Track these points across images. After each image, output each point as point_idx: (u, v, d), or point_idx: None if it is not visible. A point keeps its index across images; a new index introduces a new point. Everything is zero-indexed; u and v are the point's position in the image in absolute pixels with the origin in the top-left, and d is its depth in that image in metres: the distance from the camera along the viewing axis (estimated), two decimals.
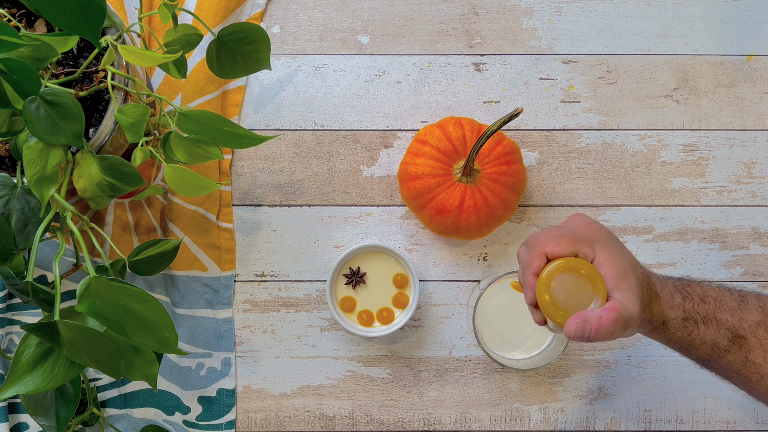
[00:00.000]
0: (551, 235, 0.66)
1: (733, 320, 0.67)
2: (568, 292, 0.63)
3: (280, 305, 0.92)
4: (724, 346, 0.67)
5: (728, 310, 0.67)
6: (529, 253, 0.66)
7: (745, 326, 0.67)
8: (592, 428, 0.92)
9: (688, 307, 0.66)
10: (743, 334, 0.67)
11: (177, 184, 0.74)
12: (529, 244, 0.67)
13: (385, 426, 0.92)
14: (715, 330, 0.66)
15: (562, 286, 0.63)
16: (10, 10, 0.78)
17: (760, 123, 0.92)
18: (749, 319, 0.67)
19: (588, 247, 0.65)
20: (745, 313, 0.68)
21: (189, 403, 0.90)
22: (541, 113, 0.92)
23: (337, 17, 0.93)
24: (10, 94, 0.61)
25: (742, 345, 0.67)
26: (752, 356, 0.67)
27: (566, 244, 0.64)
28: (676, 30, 0.93)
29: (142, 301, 0.60)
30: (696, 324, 0.66)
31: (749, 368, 0.67)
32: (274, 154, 0.92)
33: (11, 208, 0.68)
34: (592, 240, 0.65)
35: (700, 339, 0.66)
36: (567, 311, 0.63)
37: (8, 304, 0.89)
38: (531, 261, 0.65)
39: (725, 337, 0.66)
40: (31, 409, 0.68)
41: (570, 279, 0.63)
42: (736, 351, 0.67)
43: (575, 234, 0.66)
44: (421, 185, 0.84)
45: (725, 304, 0.68)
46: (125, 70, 0.75)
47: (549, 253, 0.64)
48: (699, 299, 0.67)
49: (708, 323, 0.66)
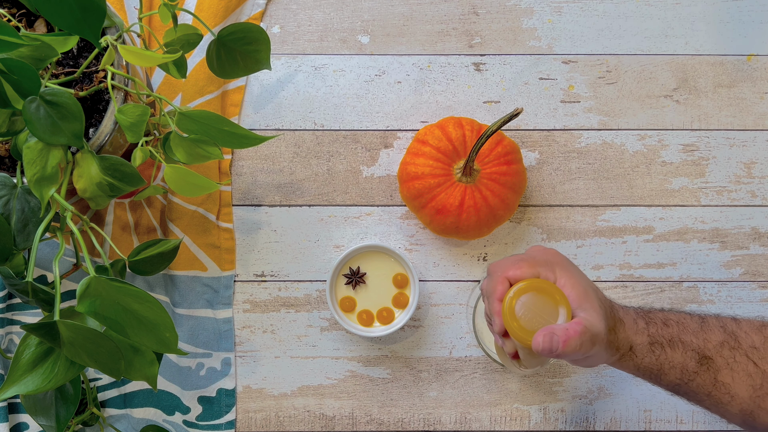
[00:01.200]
0: (511, 260, 0.66)
1: (697, 341, 0.67)
2: (533, 312, 0.63)
3: (280, 305, 0.92)
4: (693, 368, 0.66)
5: (691, 332, 0.67)
6: (491, 280, 0.66)
7: (710, 347, 0.67)
8: (592, 428, 0.92)
9: (653, 332, 0.66)
10: (709, 354, 0.66)
11: (177, 184, 0.74)
12: (490, 272, 0.67)
13: (385, 426, 0.92)
14: (681, 352, 0.66)
15: (527, 307, 0.63)
16: (10, 10, 0.78)
17: (760, 123, 0.92)
18: (713, 339, 0.67)
19: (548, 270, 0.65)
20: (708, 333, 0.67)
21: (189, 403, 0.90)
22: (541, 113, 0.92)
23: (337, 17, 0.93)
24: (10, 94, 0.61)
25: (710, 366, 0.66)
26: (721, 377, 0.66)
27: (526, 267, 0.65)
28: (676, 30, 0.93)
29: (142, 301, 0.60)
30: (663, 348, 0.66)
31: (719, 389, 0.67)
32: (274, 154, 0.92)
33: (11, 208, 0.68)
34: (551, 263, 0.66)
35: (668, 363, 0.66)
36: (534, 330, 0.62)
37: (8, 304, 0.89)
38: (494, 288, 0.65)
39: (693, 359, 0.66)
40: (31, 409, 0.68)
41: (534, 299, 0.63)
42: (705, 372, 0.66)
43: (534, 258, 0.66)
44: (421, 185, 0.84)
45: (687, 326, 0.68)
46: (125, 70, 0.75)
47: (511, 278, 0.65)
48: (662, 323, 0.67)
49: (674, 346, 0.66)
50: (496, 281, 0.65)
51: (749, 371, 0.66)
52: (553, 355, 0.61)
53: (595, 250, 0.92)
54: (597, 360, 0.65)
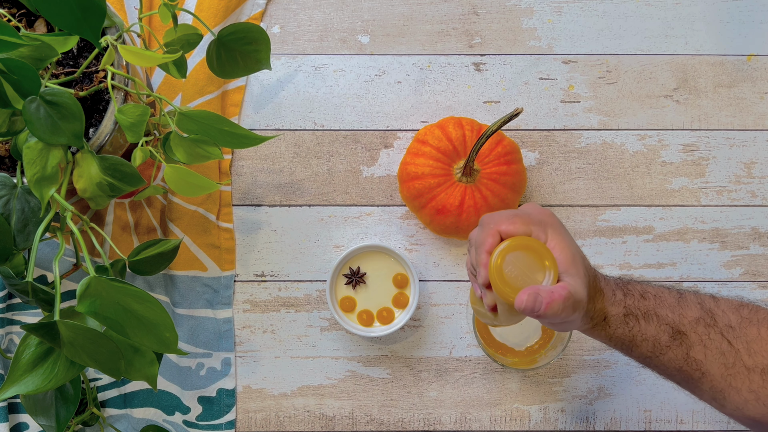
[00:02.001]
0: (505, 215, 0.65)
1: (673, 316, 0.67)
2: (520, 270, 0.62)
3: (280, 305, 0.92)
4: (665, 342, 0.66)
5: (668, 306, 0.67)
6: (482, 231, 0.65)
7: (685, 322, 0.66)
8: (592, 428, 0.92)
9: (629, 303, 0.66)
10: (684, 330, 0.66)
11: (177, 184, 0.74)
12: (483, 223, 0.66)
13: (385, 426, 0.92)
14: (656, 326, 0.66)
15: (514, 264, 0.62)
16: (10, 10, 0.78)
17: (760, 123, 0.92)
18: (689, 315, 0.67)
19: (540, 230, 0.64)
20: (685, 309, 0.67)
21: (189, 403, 0.90)
22: (541, 113, 0.92)
23: (337, 17, 0.93)
24: (10, 94, 0.61)
25: (683, 341, 0.66)
26: (693, 353, 0.66)
27: (520, 223, 0.64)
28: (676, 30, 0.93)
29: (142, 301, 0.60)
30: (637, 320, 0.66)
31: (690, 365, 0.66)
32: (274, 154, 0.92)
33: (11, 208, 0.68)
34: (545, 223, 0.65)
35: (641, 335, 0.66)
36: (518, 288, 0.62)
37: (8, 304, 0.89)
38: (485, 239, 0.64)
39: (666, 333, 0.66)
40: (31, 409, 0.68)
41: (522, 257, 0.62)
42: (677, 347, 0.66)
43: (529, 215, 0.65)
44: (421, 185, 0.84)
45: (665, 300, 0.67)
46: (125, 70, 0.75)
47: (503, 232, 0.64)
48: (639, 296, 0.67)
49: (648, 319, 0.66)
50: (487, 233, 0.64)
51: (723, 349, 0.66)
52: (533, 315, 0.61)
53: (595, 249, 0.92)
54: (572, 326, 0.65)
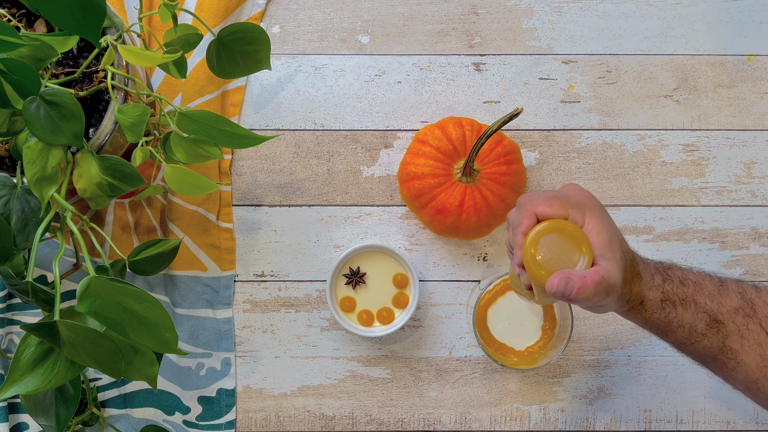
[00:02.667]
0: (543, 196, 0.65)
1: (711, 304, 0.66)
2: (554, 253, 0.62)
3: (280, 305, 0.92)
4: (702, 330, 0.66)
5: (707, 294, 0.67)
6: (519, 212, 0.65)
7: (723, 311, 0.66)
8: (592, 428, 0.92)
9: (667, 289, 0.66)
10: (721, 318, 0.66)
11: (177, 184, 0.74)
12: (521, 204, 0.66)
13: (385, 426, 0.92)
14: (693, 313, 0.66)
15: (548, 247, 0.62)
16: (10, 10, 0.78)
17: (760, 123, 0.92)
18: (728, 304, 0.67)
19: (578, 213, 0.64)
20: (725, 298, 0.67)
21: (189, 403, 0.90)
22: (541, 113, 0.92)
23: (337, 17, 0.93)
24: (10, 94, 0.61)
25: (720, 330, 0.66)
26: (729, 342, 0.66)
27: (558, 206, 0.64)
28: (676, 30, 0.93)
29: (142, 301, 0.60)
30: (674, 306, 0.66)
31: (726, 354, 0.66)
32: (274, 154, 0.92)
33: (11, 208, 0.68)
34: (583, 206, 0.65)
35: (677, 321, 0.66)
36: (550, 271, 0.62)
37: (8, 304, 0.89)
38: (521, 220, 0.64)
39: (703, 321, 0.66)
40: (31, 409, 0.68)
41: (557, 240, 0.62)
42: (713, 336, 0.66)
43: (567, 198, 0.65)
44: (421, 185, 0.84)
45: (705, 288, 0.67)
46: (125, 70, 0.75)
47: (540, 214, 0.64)
48: (679, 282, 0.67)
49: (686, 306, 0.66)
50: (524, 214, 0.64)
51: (760, 341, 0.66)
52: (565, 299, 0.61)
53: None
54: (606, 308, 0.65)
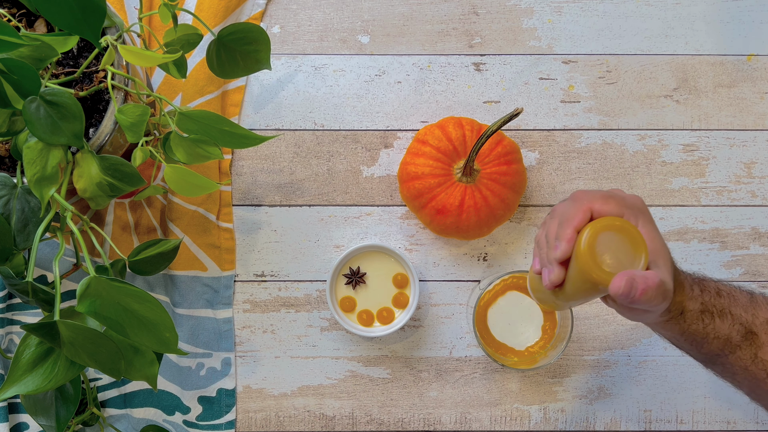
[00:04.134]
0: (601, 194, 0.63)
1: (746, 316, 0.66)
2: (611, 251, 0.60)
3: (280, 305, 0.92)
4: (737, 341, 0.66)
5: (741, 306, 0.67)
6: (574, 206, 0.63)
7: (757, 322, 0.67)
8: (592, 428, 0.92)
9: (706, 300, 0.66)
10: (755, 330, 0.66)
11: (177, 184, 0.74)
12: (576, 198, 0.64)
13: (385, 426, 0.92)
14: (729, 324, 0.66)
15: (605, 244, 0.60)
16: (10, 10, 0.78)
17: (760, 123, 0.92)
18: (761, 315, 0.67)
19: (632, 216, 0.63)
20: (757, 309, 0.67)
21: (189, 403, 0.90)
22: (541, 113, 0.92)
23: (337, 17, 0.93)
24: (10, 94, 0.61)
25: (754, 341, 0.66)
26: (762, 353, 0.66)
27: (614, 205, 0.62)
28: (676, 30, 0.93)
29: (142, 301, 0.60)
30: (712, 317, 0.66)
31: (758, 365, 0.67)
32: (274, 154, 0.92)
33: (11, 208, 0.68)
34: (637, 209, 0.63)
35: (714, 333, 0.66)
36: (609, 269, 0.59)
37: (8, 304, 0.89)
38: (575, 214, 0.62)
39: (738, 333, 0.66)
40: (31, 409, 0.68)
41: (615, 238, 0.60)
42: (747, 347, 0.66)
43: (623, 199, 0.64)
44: (421, 185, 0.84)
45: (738, 299, 0.67)
46: (125, 70, 0.75)
47: (596, 211, 0.62)
48: (715, 293, 0.67)
49: (723, 317, 0.66)
50: (578, 208, 0.62)
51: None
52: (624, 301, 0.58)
53: None
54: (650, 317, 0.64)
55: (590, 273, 0.59)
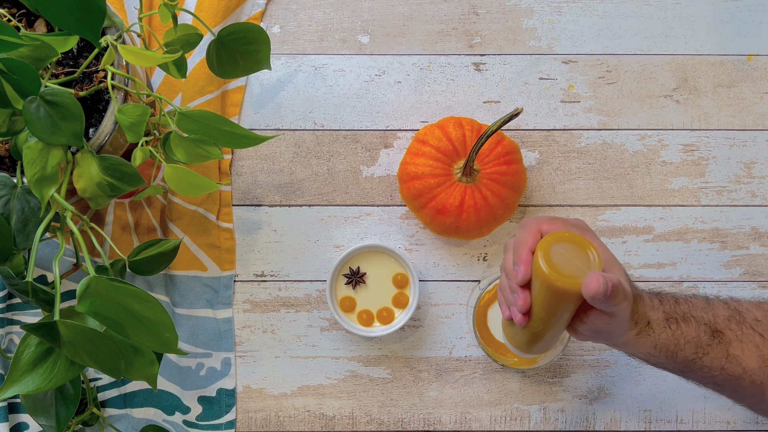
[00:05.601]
0: (544, 217, 0.67)
1: (707, 316, 0.69)
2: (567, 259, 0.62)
3: (280, 305, 0.92)
4: (706, 341, 0.68)
5: (700, 308, 0.69)
6: (523, 231, 0.66)
7: (719, 321, 0.69)
8: (592, 428, 0.92)
9: (667, 308, 0.68)
10: (720, 328, 0.69)
11: (177, 184, 0.74)
12: (524, 224, 0.67)
13: (385, 426, 0.92)
14: (695, 327, 0.68)
15: (560, 253, 0.62)
16: (10, 10, 0.78)
17: (760, 123, 0.92)
18: (720, 314, 0.69)
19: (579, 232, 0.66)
20: (715, 309, 0.70)
21: (189, 403, 0.90)
22: (541, 113, 0.92)
23: (337, 17, 0.93)
24: (10, 94, 0.61)
25: (722, 339, 0.68)
26: (732, 349, 0.68)
27: (560, 224, 0.66)
28: (676, 30, 0.93)
29: (142, 301, 0.60)
30: (677, 323, 0.68)
31: (732, 362, 0.68)
32: (274, 154, 0.92)
33: (11, 208, 0.68)
34: (582, 228, 0.67)
35: (684, 338, 0.67)
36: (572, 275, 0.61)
37: (8, 304, 0.89)
38: (526, 237, 0.65)
39: (706, 333, 0.68)
40: (31, 409, 0.68)
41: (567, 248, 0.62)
42: (717, 346, 0.68)
43: (567, 220, 0.67)
44: (421, 185, 0.84)
45: (695, 303, 0.70)
46: (125, 70, 0.75)
47: (544, 231, 0.65)
48: (673, 301, 0.69)
49: (687, 321, 0.68)
50: (529, 232, 0.65)
51: (756, 342, 0.68)
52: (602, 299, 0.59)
53: None
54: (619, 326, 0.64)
55: (555, 283, 0.61)
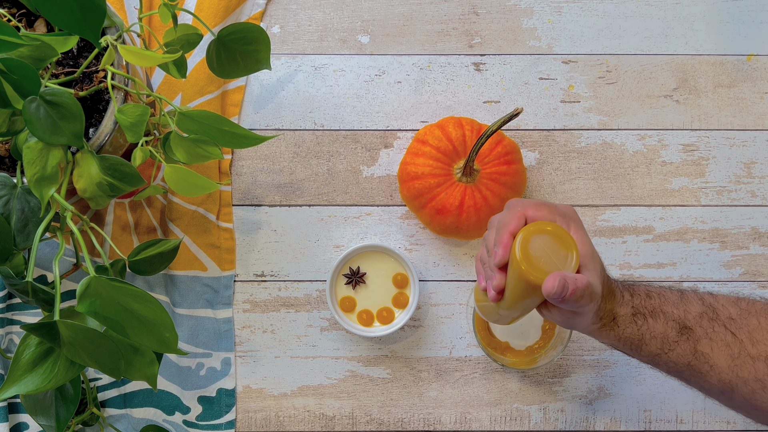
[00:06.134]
0: (532, 201, 0.66)
1: (678, 312, 0.68)
2: (544, 252, 0.62)
3: (280, 305, 0.92)
4: (673, 338, 0.67)
5: (672, 303, 0.69)
6: (508, 213, 0.66)
7: (689, 317, 0.68)
8: (592, 428, 0.92)
9: (637, 303, 0.67)
10: (689, 324, 0.68)
11: (177, 184, 0.74)
12: (511, 206, 0.67)
13: (385, 426, 0.92)
14: (663, 323, 0.67)
15: (540, 247, 0.62)
16: (10, 10, 0.78)
17: (760, 123, 0.92)
18: (693, 310, 0.68)
19: (564, 222, 0.65)
20: (688, 305, 0.69)
21: (189, 403, 0.90)
22: (541, 113, 0.92)
23: (337, 17, 0.93)
24: (10, 94, 0.61)
25: (690, 336, 0.67)
26: (700, 347, 0.67)
27: (546, 211, 0.65)
28: (676, 30, 0.93)
29: (142, 301, 0.60)
30: (645, 318, 0.67)
31: (699, 359, 0.67)
32: (274, 154, 0.92)
33: (11, 208, 0.68)
34: (568, 217, 0.66)
35: (650, 333, 0.67)
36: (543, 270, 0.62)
37: (8, 304, 0.89)
38: (510, 220, 0.64)
39: (673, 329, 0.67)
40: (31, 409, 0.68)
41: (548, 241, 0.62)
42: (685, 342, 0.67)
43: (555, 207, 0.66)
44: (421, 185, 0.84)
45: (668, 298, 0.69)
46: (125, 70, 0.76)
47: (529, 216, 0.65)
48: (645, 295, 0.68)
49: (656, 317, 0.67)
50: (513, 214, 0.65)
51: (727, 341, 0.67)
52: (556, 300, 0.61)
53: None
54: (582, 321, 0.66)
55: (525, 275, 0.62)
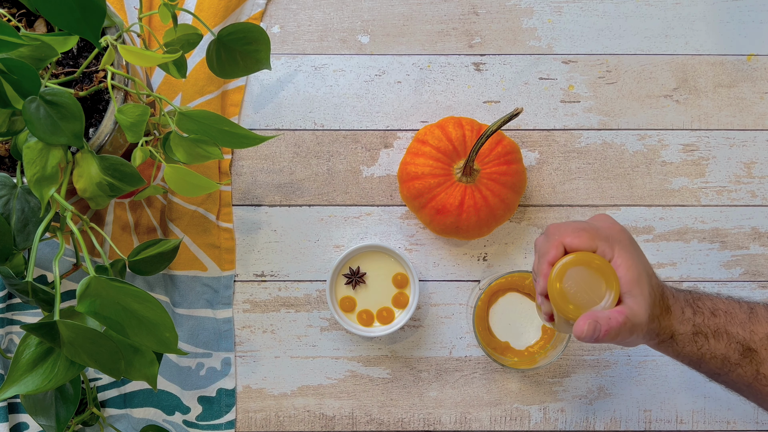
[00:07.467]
0: (572, 227, 0.65)
1: (743, 333, 0.66)
2: (579, 286, 0.61)
3: (280, 305, 0.92)
4: (735, 359, 0.66)
5: (739, 323, 0.67)
6: (547, 241, 0.65)
7: (755, 339, 0.66)
8: (592, 428, 0.92)
9: (698, 322, 0.66)
10: (754, 347, 0.66)
11: (177, 184, 0.74)
12: (549, 233, 0.66)
13: (385, 426, 0.92)
14: (725, 344, 0.66)
15: (574, 279, 0.62)
16: (10, 10, 0.78)
17: (760, 123, 0.92)
18: (760, 331, 0.66)
19: (607, 246, 0.63)
20: (756, 325, 0.67)
21: (189, 403, 0.90)
22: (541, 113, 0.92)
23: (337, 17, 0.93)
24: (10, 94, 0.61)
25: (753, 358, 0.66)
26: (763, 369, 0.66)
27: (586, 238, 0.63)
28: (676, 30, 0.93)
29: (142, 301, 0.60)
30: (706, 338, 0.65)
31: (760, 381, 0.66)
32: (274, 154, 0.92)
33: (11, 208, 0.68)
34: (612, 239, 0.64)
35: (710, 353, 0.66)
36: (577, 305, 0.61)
37: (8, 304, 0.89)
38: (548, 250, 0.64)
39: (736, 351, 0.66)
40: (31, 409, 0.68)
41: (584, 273, 0.62)
42: (747, 364, 0.66)
43: (597, 230, 0.65)
44: (421, 185, 0.84)
45: (735, 317, 0.67)
46: (125, 70, 0.75)
47: (567, 245, 0.63)
48: (710, 313, 0.66)
49: (718, 337, 0.66)
50: (551, 244, 0.64)
51: None
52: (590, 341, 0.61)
53: None
54: (635, 342, 0.65)
55: (557, 307, 0.62)
